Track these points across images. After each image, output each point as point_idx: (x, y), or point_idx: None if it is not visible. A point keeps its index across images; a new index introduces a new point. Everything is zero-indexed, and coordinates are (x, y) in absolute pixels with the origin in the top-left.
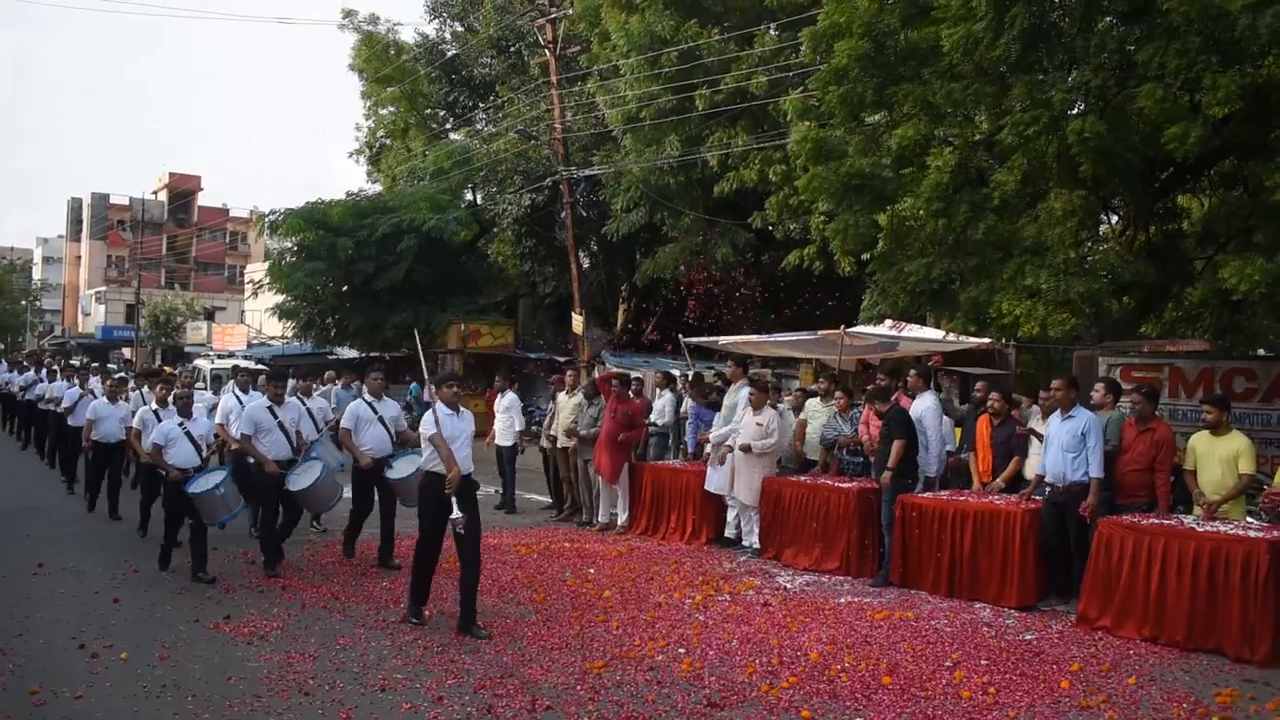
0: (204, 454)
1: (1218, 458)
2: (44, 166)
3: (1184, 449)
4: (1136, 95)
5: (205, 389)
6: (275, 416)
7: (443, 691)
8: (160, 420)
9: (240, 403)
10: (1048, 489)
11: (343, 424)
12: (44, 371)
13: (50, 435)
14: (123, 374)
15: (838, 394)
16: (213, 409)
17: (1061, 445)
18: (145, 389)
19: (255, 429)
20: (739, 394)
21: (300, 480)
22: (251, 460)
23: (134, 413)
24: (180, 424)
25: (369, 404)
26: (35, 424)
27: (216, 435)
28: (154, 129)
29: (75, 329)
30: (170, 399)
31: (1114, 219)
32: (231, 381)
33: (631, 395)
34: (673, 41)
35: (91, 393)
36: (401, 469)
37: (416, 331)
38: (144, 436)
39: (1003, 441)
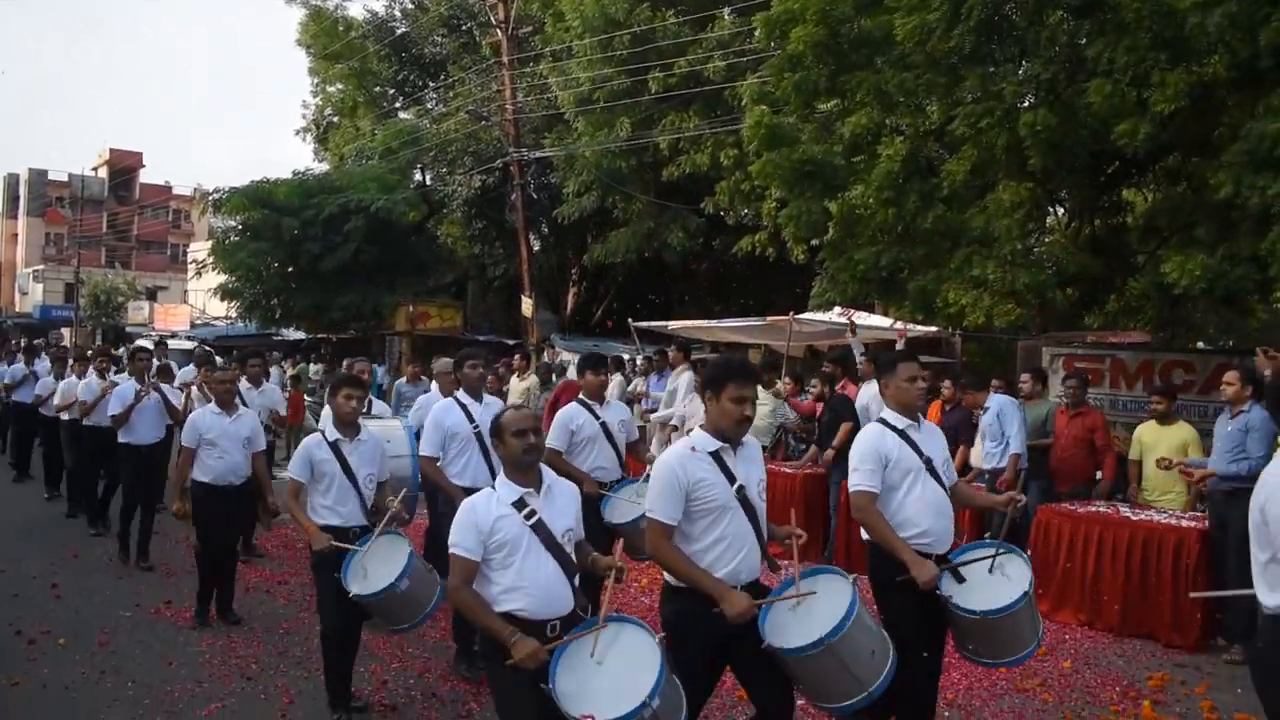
0: (369, 505)
1: (1164, 447)
2: None
3: (1125, 437)
4: (1086, 90)
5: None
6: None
7: (387, 675)
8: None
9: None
10: (986, 476)
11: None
12: (40, 362)
13: (70, 456)
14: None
15: (785, 380)
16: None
17: (984, 435)
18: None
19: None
20: (680, 379)
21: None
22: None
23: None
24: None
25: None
26: (34, 437)
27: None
28: (100, 106)
29: (12, 308)
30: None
31: (1060, 211)
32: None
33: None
34: (627, 23)
35: (155, 388)
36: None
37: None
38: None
39: (950, 427)
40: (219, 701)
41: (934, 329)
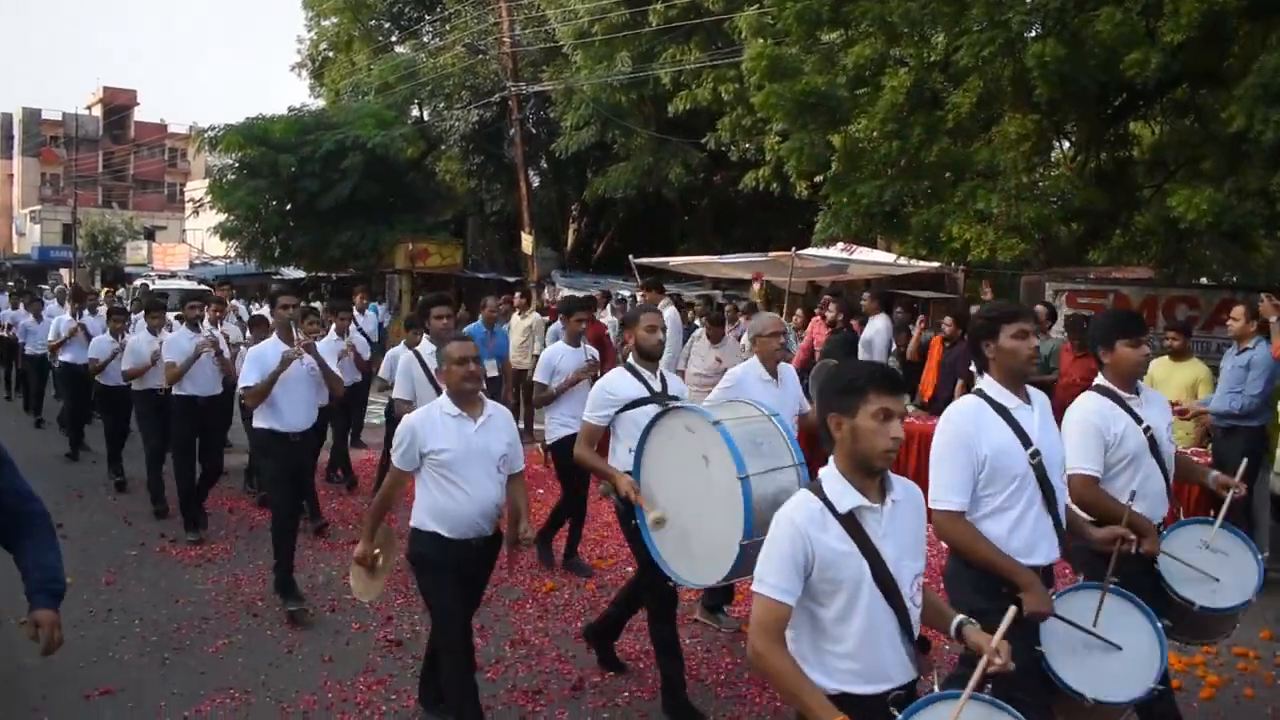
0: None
1: (1175, 384)
2: None
3: None
4: (1094, 19)
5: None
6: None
7: (392, 611)
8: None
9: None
10: None
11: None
12: (92, 317)
13: (155, 437)
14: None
15: (798, 313)
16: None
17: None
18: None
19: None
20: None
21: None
22: None
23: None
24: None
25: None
26: (93, 408)
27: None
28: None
29: (10, 250)
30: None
31: (1066, 145)
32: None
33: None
34: None
35: (309, 349)
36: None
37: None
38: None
39: (951, 363)
40: (226, 638)
41: (937, 264)
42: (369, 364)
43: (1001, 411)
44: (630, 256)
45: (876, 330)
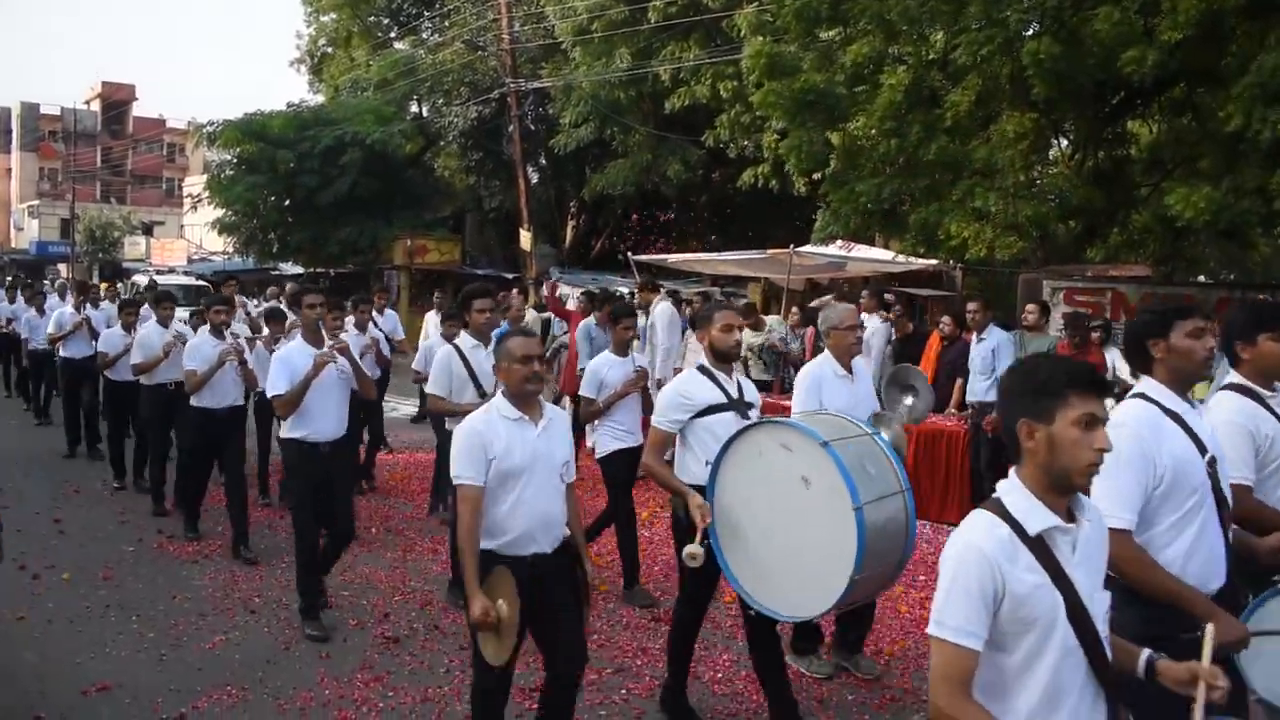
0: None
1: None
2: None
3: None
4: (1092, 18)
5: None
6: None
7: (390, 608)
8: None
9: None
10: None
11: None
12: (96, 310)
13: (159, 436)
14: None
15: (794, 310)
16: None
17: (975, 368)
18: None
19: None
20: (656, 311)
21: None
22: None
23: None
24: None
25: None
26: (95, 405)
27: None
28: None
29: (8, 245)
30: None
31: (1063, 143)
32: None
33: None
34: None
35: (343, 351)
36: None
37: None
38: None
39: (949, 361)
40: (223, 634)
41: (935, 262)
42: (389, 360)
43: (1174, 417)
44: (629, 253)
45: (874, 330)
